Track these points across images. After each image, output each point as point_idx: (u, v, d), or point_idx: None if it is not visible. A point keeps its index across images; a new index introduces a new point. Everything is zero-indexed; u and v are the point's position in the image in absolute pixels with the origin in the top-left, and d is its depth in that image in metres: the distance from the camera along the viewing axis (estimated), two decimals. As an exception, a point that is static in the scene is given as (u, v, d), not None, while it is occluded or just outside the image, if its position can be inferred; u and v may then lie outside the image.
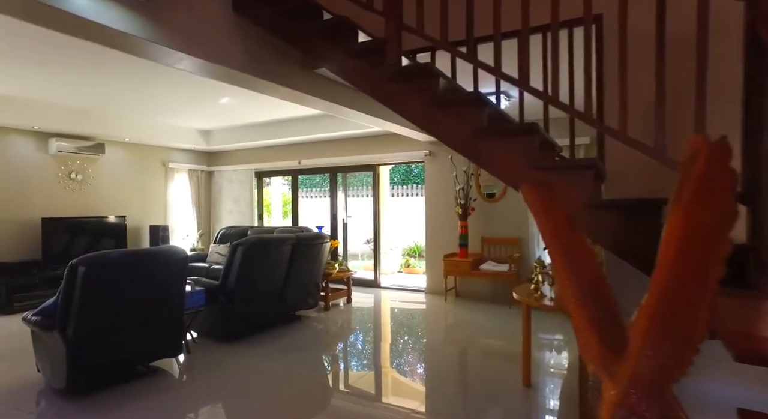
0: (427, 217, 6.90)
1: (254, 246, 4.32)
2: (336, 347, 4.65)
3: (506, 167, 2.20)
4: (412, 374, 3.90)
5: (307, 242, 4.91)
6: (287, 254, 4.70)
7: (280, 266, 4.68)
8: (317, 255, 5.16)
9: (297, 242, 4.76)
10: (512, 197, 6.23)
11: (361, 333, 5.04)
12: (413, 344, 4.68)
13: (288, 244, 4.67)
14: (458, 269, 6.06)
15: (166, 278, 3.39)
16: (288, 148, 8.02)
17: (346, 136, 7.19)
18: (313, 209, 13.53)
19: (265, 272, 4.52)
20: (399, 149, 6.98)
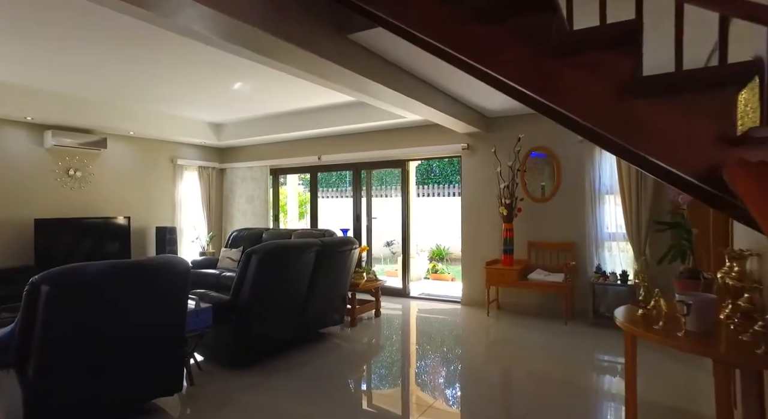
0: (463, 219, 6.09)
1: (272, 254, 3.56)
2: (368, 374, 3.87)
3: (681, 140, 1.38)
4: (464, 413, 3.09)
5: (333, 248, 4.14)
6: (310, 263, 3.94)
7: (302, 278, 3.92)
8: (345, 264, 4.38)
9: (322, 249, 3.99)
10: (564, 196, 5.39)
11: (396, 354, 4.25)
12: (463, 370, 3.87)
13: (311, 251, 3.90)
14: (503, 278, 5.24)
15: (163, 297, 2.63)
16: (306, 142, 7.28)
17: (372, 128, 6.42)
18: (331, 210, 12.83)
19: (285, 284, 3.76)
20: (432, 142, 6.19)
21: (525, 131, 5.38)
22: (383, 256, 11.32)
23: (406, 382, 3.70)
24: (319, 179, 15.21)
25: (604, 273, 4.97)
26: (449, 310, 5.85)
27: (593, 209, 5.18)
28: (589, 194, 5.20)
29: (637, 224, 4.87)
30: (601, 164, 5.17)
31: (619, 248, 5.11)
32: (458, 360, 4.18)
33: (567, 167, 5.39)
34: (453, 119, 4.87)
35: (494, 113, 5.58)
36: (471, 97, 4.85)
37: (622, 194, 4.96)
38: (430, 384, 3.62)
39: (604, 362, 4.09)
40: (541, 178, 5.68)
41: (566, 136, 5.32)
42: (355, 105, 6.02)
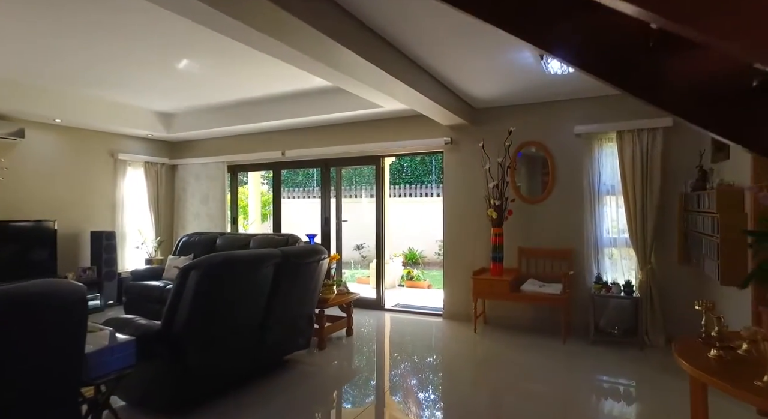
0: (445, 222, 5.41)
1: (217, 269, 2.75)
2: (338, 405, 3.11)
3: None
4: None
5: (297, 259, 3.36)
6: (268, 279, 3.15)
7: (258, 296, 3.12)
8: (311, 277, 3.60)
9: (283, 262, 3.20)
10: (560, 196, 4.79)
11: (370, 381, 3.50)
12: (448, 398, 3.16)
13: (270, 264, 3.11)
14: (493, 290, 4.58)
15: (46, 337, 1.80)
16: (268, 136, 6.44)
17: (343, 119, 5.66)
18: (298, 212, 11.96)
19: (235, 306, 2.96)
20: (411, 135, 5.48)
21: (514, 123, 4.75)
22: (353, 260, 10.56)
23: (381, 416, 2.97)
24: (284, 178, 14.48)
25: (606, 284, 4.39)
26: (430, 325, 5.15)
27: (592, 212, 4.60)
28: (588, 195, 4.61)
29: (642, 228, 4.31)
30: (601, 161, 4.60)
31: (621, 255, 4.54)
32: (443, 386, 3.48)
33: (562, 164, 4.79)
34: (436, 106, 4.17)
35: (481, 102, 4.93)
36: (458, 81, 4.16)
37: (625, 194, 4.40)
38: (410, 416, 2.90)
39: (613, 390, 3.47)
40: (533, 176, 5.07)
41: (561, 129, 4.72)
42: (324, 92, 5.25)
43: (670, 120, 4.21)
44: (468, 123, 5.01)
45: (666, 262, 4.33)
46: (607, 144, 4.57)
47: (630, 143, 4.36)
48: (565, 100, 4.74)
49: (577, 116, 4.67)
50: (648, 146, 4.30)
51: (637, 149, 4.32)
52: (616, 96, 4.50)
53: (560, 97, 4.68)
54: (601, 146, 4.60)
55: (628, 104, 4.43)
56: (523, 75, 3.93)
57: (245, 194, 9.62)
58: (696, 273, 4.20)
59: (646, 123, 4.30)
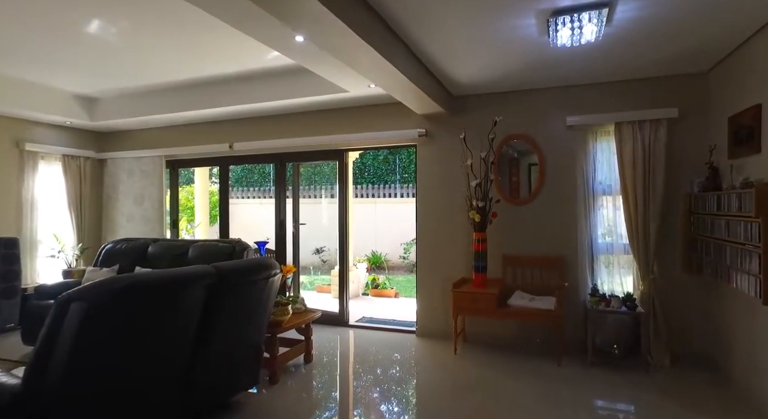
0: (419, 226, 4.70)
1: (114, 302, 1.90)
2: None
3: None
4: None
5: (239, 278, 2.53)
6: (198, 305, 2.31)
7: (183, 330, 2.28)
8: (259, 299, 2.79)
9: (219, 282, 2.37)
10: (550, 197, 4.19)
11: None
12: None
13: (200, 286, 2.27)
14: (477, 305, 3.90)
15: None
16: (214, 126, 5.53)
17: (301, 106, 4.84)
18: (253, 215, 10.96)
19: (145, 347, 2.11)
20: (380, 125, 4.74)
21: (498, 113, 4.09)
22: (312, 266, 9.71)
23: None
24: (237, 176, 13.36)
25: (604, 296, 3.81)
26: (402, 345, 4.42)
27: (587, 214, 4.01)
28: (582, 195, 4.03)
29: (644, 233, 3.75)
30: (597, 156, 4.02)
31: (619, 264, 3.98)
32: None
33: (553, 161, 4.19)
34: (412, 86, 3.43)
35: (462, 88, 4.25)
36: (440, 56, 3.45)
37: (624, 194, 3.84)
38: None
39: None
40: (519, 174, 4.45)
41: (551, 120, 4.12)
42: (279, 74, 4.43)
43: (675, 111, 3.68)
44: (446, 112, 4.32)
45: (670, 271, 3.80)
46: (604, 137, 4.00)
47: (630, 136, 3.80)
48: (557, 88, 4.14)
49: (570, 105, 4.08)
50: (650, 140, 3.75)
51: (638, 142, 3.77)
52: (614, 83, 3.94)
53: (551, 83, 4.07)
54: (597, 140, 4.02)
55: (628, 92, 3.88)
56: (520, 50, 3.26)
57: (191, 193, 8.59)
58: (704, 284, 3.69)
59: (648, 113, 3.75)
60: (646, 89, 3.84)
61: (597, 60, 3.46)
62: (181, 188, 10.08)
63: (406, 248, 9.95)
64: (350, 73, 3.49)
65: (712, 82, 3.64)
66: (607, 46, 3.16)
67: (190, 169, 7.75)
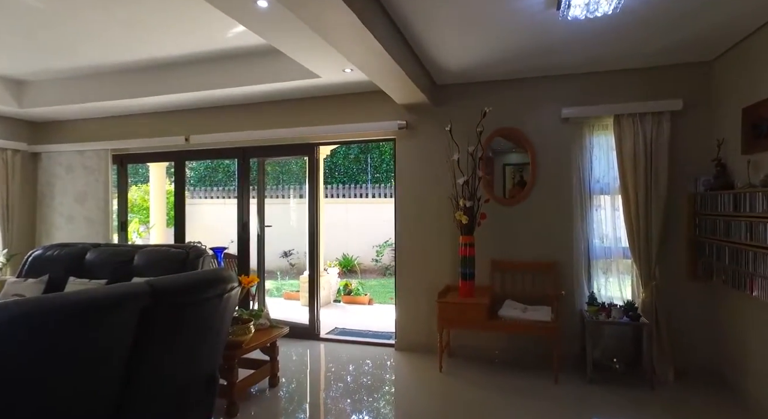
0: (398, 228, 4.24)
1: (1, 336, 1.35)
2: None
3: None
4: None
5: (182, 297, 1.98)
6: (125, 332, 1.76)
7: (103, 362, 1.73)
8: (212, 319, 2.24)
9: (153, 303, 1.82)
10: (542, 196, 3.81)
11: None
12: None
13: (126, 310, 1.72)
14: (465, 317, 3.47)
15: None
16: (168, 116, 4.90)
17: (267, 93, 4.28)
18: (217, 216, 10.22)
19: (53, 383, 1.55)
20: (355, 116, 4.25)
21: (486, 104, 3.66)
22: (280, 270, 9.11)
23: None
24: (201, 175, 12.54)
25: (603, 306, 3.45)
26: (380, 360, 3.94)
27: (583, 215, 3.66)
28: (578, 194, 3.67)
29: (645, 236, 3.42)
30: (595, 152, 3.67)
31: (618, 269, 3.63)
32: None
33: (546, 157, 3.81)
34: (395, 66, 2.96)
35: (448, 75, 3.82)
36: (426, 37, 3.01)
37: (624, 193, 3.50)
38: None
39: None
40: (508, 172, 4.05)
41: (544, 112, 3.74)
42: (242, 57, 3.88)
43: (679, 102, 3.36)
44: (429, 102, 3.88)
45: (673, 278, 3.47)
46: (602, 132, 3.65)
47: (630, 130, 3.46)
48: (551, 77, 3.76)
49: (565, 96, 3.71)
50: (652, 134, 3.42)
51: (639, 137, 3.43)
52: (613, 73, 3.60)
53: (545, 71, 3.70)
54: (594, 134, 3.67)
55: (629, 82, 3.54)
56: (520, 26, 2.84)
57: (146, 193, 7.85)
58: (711, 292, 3.38)
59: (650, 105, 3.42)
60: (648, 79, 3.51)
61: (598, 45, 3.10)
62: (137, 186, 9.28)
63: (379, 250, 9.50)
64: (323, 53, 3.00)
65: (718, 72, 3.34)
66: (612, 28, 2.79)
67: (144, 165, 7.03)
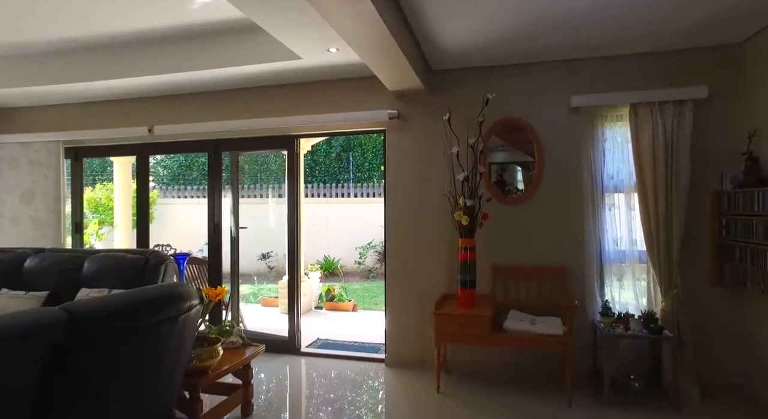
0: (389, 229, 3.78)
1: None
2: None
3: None
4: None
5: (115, 326, 1.48)
6: (30, 375, 1.26)
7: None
8: (163, 347, 1.75)
9: (71, 337, 1.33)
10: (549, 194, 3.42)
11: None
12: None
13: (30, 347, 1.23)
14: (466, 331, 3.04)
15: None
16: (130, 104, 4.35)
17: (242, 78, 3.78)
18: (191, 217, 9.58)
19: None
20: (340, 106, 3.78)
21: (487, 92, 3.23)
22: (257, 273, 8.55)
23: None
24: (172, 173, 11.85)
25: (619, 316, 3.06)
26: (369, 379, 3.49)
27: (595, 215, 3.27)
28: (589, 192, 3.28)
29: (666, 238, 3.05)
30: (608, 145, 3.29)
31: (634, 275, 3.26)
32: None
33: (553, 151, 3.41)
34: (391, 42, 2.51)
35: (445, 58, 3.38)
36: (427, 9, 2.57)
37: (641, 191, 3.13)
38: None
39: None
40: (512, 167, 3.65)
41: (551, 101, 3.35)
42: (212, 34, 3.38)
43: (704, 89, 3.01)
44: (424, 89, 3.44)
45: (697, 285, 3.12)
46: (616, 123, 3.28)
47: (648, 120, 3.09)
48: (560, 62, 3.37)
49: (575, 82, 3.33)
50: (673, 125, 3.06)
51: (659, 128, 3.07)
52: (629, 56, 3.22)
53: (554, 55, 3.30)
54: (608, 125, 3.29)
55: (647, 67, 3.17)
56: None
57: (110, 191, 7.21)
58: (739, 300, 3.04)
59: (670, 93, 3.06)
60: (669, 64, 3.15)
61: (611, 25, 2.75)
62: (102, 184, 8.59)
63: (362, 252, 9.05)
64: (306, 29, 2.55)
65: (749, 55, 2.99)
66: (628, 3, 2.43)
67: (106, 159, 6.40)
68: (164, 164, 12.22)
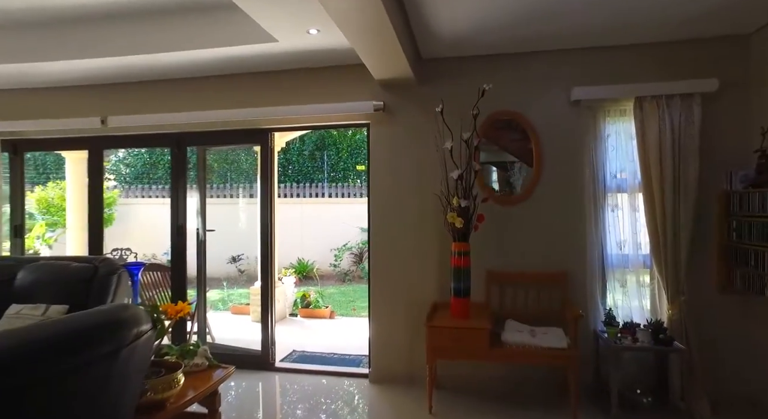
0: (373, 232, 3.44)
1: None
2: None
3: None
4: None
5: (34, 371, 1.09)
6: None
7: None
8: (106, 387, 1.35)
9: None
10: (548, 194, 3.15)
11: None
12: None
13: None
14: (462, 346, 2.73)
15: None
16: (79, 91, 3.85)
17: (208, 64, 3.36)
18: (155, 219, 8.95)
19: None
20: (320, 96, 3.42)
21: (480, 83, 2.94)
22: (226, 277, 8.05)
23: None
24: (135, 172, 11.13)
25: (625, 326, 2.82)
26: (352, 398, 3.14)
27: (597, 217, 3.03)
28: (591, 192, 3.04)
29: (673, 242, 2.83)
30: (611, 142, 3.05)
31: (639, 282, 3.03)
32: None
33: (552, 147, 3.15)
34: (383, 18, 2.18)
35: (438, 45, 3.07)
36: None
37: (646, 191, 2.91)
38: None
39: None
40: (507, 165, 3.37)
41: (550, 94, 3.09)
42: (175, 10, 2.96)
43: (714, 82, 2.80)
44: (413, 78, 3.12)
45: (705, 290, 2.91)
46: (620, 117, 3.04)
47: (655, 115, 2.87)
48: (560, 51, 3.11)
49: (576, 73, 3.08)
50: (681, 121, 2.84)
51: (666, 124, 2.85)
52: (635, 46, 2.99)
53: (554, 43, 3.04)
54: (611, 120, 3.06)
55: (653, 58, 2.95)
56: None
57: (63, 189, 6.59)
58: (749, 306, 2.85)
59: (678, 86, 2.84)
60: (676, 55, 2.93)
61: (615, 11, 2.49)
62: (56, 183, 7.91)
63: (338, 254, 8.68)
64: (285, 6, 2.18)
65: (757, 47, 2.81)
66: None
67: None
68: (127, 162, 11.54)
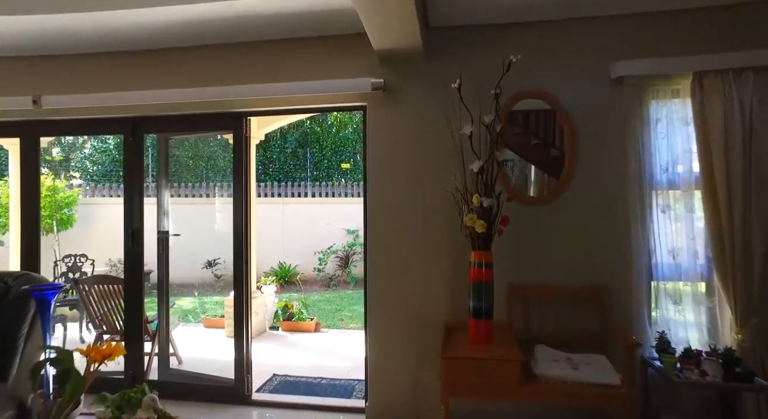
0: (371, 237, 2.82)
1: None
2: None
3: None
4: None
5: None
6: None
7: None
8: None
9: None
10: (583, 192, 2.58)
11: None
12: None
13: None
14: (488, 382, 2.14)
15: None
16: (5, 64, 3.14)
17: (166, 27, 2.69)
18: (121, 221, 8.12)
19: None
20: (305, 72, 2.78)
21: (501, 56, 2.36)
22: (203, 283, 7.33)
23: None
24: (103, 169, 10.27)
25: (686, 354, 2.27)
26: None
27: (643, 219, 2.48)
28: (636, 189, 2.48)
29: (742, 251, 2.29)
30: (661, 128, 2.50)
31: (695, 298, 2.48)
32: None
33: (589, 134, 2.58)
34: None
35: (452, 9, 2.47)
36: None
37: (707, 187, 2.36)
38: None
39: None
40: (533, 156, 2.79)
41: (586, 69, 2.52)
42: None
43: None
44: (420, 50, 2.52)
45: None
46: (673, 99, 2.49)
47: (719, 94, 2.33)
48: (597, 18, 2.55)
49: (618, 45, 2.52)
50: (753, 102, 2.31)
51: (734, 105, 2.31)
52: (691, 10, 2.44)
53: (590, 9, 2.48)
54: (661, 101, 2.50)
55: (715, 24, 2.40)
56: None
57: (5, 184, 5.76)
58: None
59: (749, 57, 2.30)
60: (745, 19, 2.39)
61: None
62: (4, 180, 7.08)
63: (322, 258, 8.05)
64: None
65: None
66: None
67: None
68: (94, 159, 10.72)
